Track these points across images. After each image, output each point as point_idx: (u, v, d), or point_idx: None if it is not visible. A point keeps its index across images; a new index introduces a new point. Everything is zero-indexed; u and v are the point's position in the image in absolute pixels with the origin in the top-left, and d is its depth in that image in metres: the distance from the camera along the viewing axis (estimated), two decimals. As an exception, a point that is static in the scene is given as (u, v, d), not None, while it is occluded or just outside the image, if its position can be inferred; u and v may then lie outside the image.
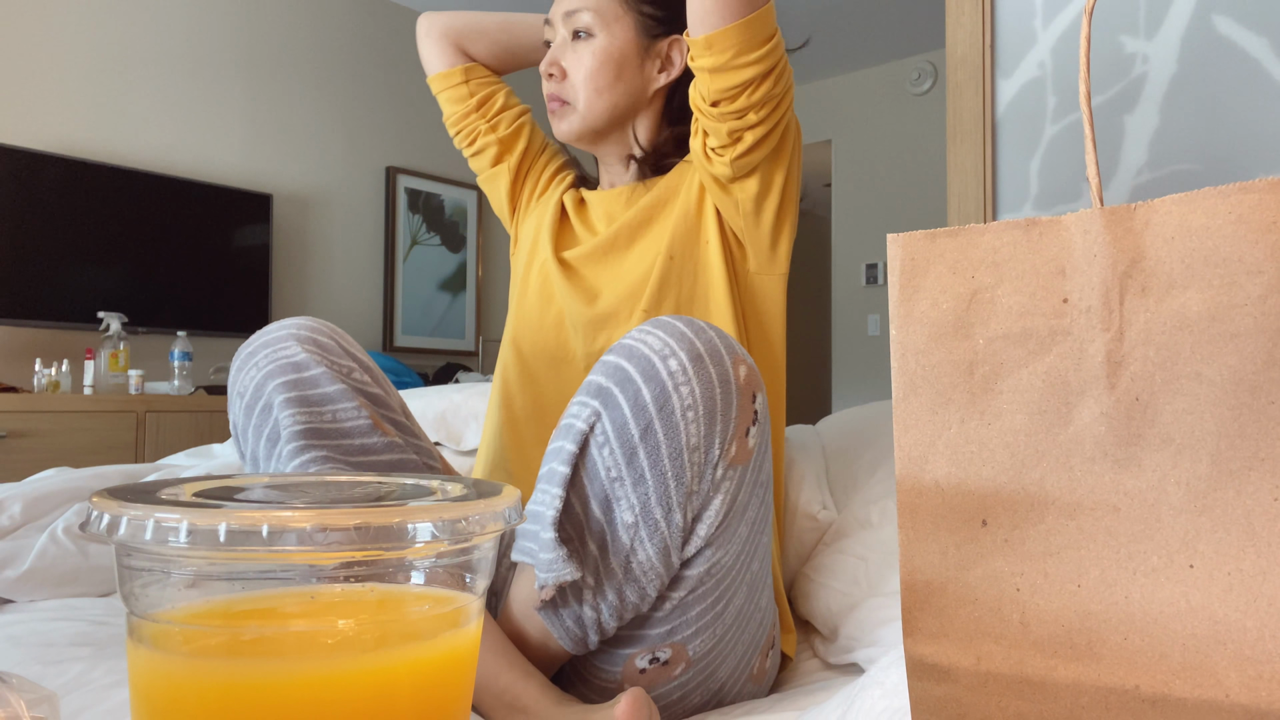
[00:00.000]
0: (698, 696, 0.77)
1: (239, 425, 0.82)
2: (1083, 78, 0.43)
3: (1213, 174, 1.18)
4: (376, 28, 3.95)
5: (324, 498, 0.39)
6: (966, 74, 1.37)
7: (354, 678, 0.35)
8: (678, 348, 0.68)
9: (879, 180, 4.81)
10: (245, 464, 0.83)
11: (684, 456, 0.68)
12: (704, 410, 0.68)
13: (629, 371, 0.69)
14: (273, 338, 0.82)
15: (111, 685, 0.73)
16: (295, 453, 0.77)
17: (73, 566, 1.05)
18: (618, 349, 0.71)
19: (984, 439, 0.42)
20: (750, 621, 0.79)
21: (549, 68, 1.03)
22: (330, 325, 0.86)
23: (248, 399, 0.81)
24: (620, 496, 0.69)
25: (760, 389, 0.72)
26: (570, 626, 0.73)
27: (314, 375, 0.80)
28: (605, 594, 0.71)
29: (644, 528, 0.69)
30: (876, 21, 4.33)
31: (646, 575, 0.70)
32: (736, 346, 0.72)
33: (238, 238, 3.34)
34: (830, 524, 1.11)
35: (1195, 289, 0.38)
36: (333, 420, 0.80)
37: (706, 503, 0.70)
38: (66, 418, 2.63)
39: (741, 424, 0.70)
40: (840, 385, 4.93)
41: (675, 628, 0.74)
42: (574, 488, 0.70)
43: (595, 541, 0.70)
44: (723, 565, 0.73)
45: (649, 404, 0.68)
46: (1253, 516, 0.37)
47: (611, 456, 0.69)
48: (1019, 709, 0.41)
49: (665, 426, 0.67)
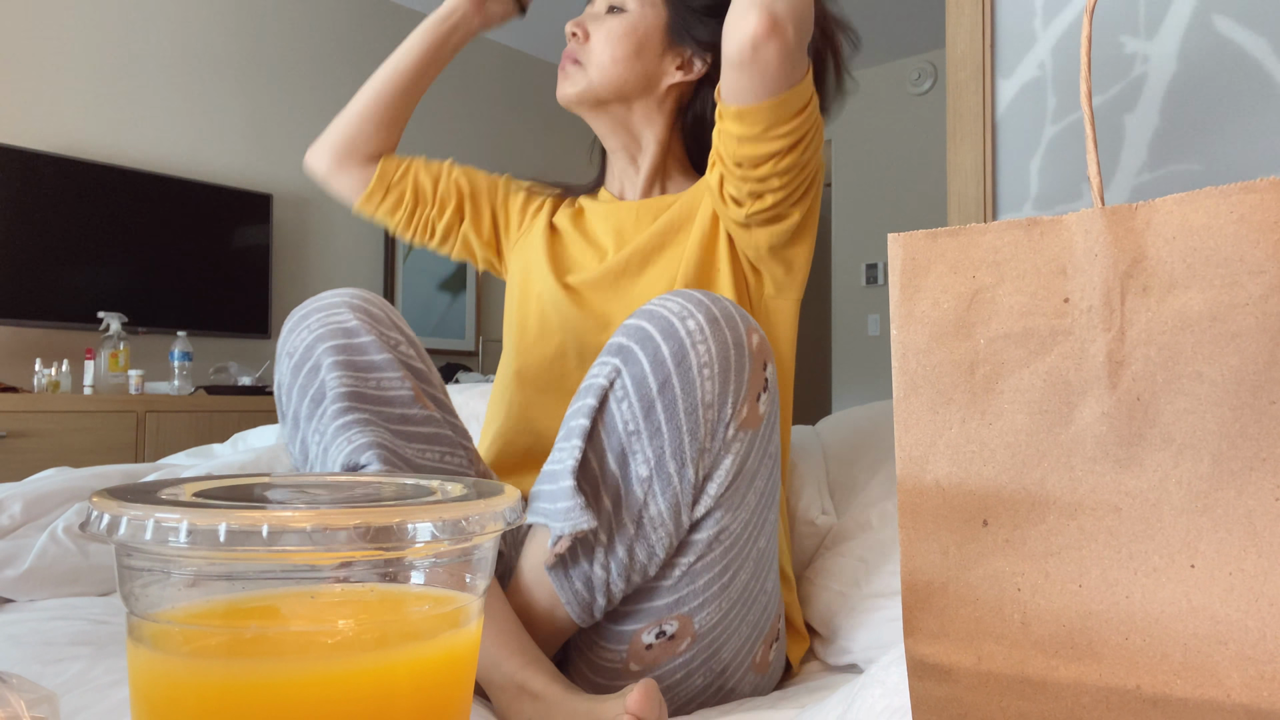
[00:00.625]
0: (701, 678, 0.78)
1: (284, 384, 0.83)
2: (1084, 77, 0.43)
3: (1213, 174, 1.18)
4: (376, 28, 3.95)
5: (324, 498, 0.39)
6: (966, 74, 1.37)
7: (354, 678, 0.35)
8: (695, 310, 0.72)
9: (879, 180, 4.81)
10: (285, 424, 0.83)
11: (699, 412, 0.71)
12: (719, 369, 0.71)
13: (648, 330, 0.72)
14: (326, 303, 0.83)
15: (111, 684, 0.73)
16: (339, 413, 0.78)
17: (73, 566, 1.05)
18: (638, 313, 0.74)
19: (985, 439, 0.42)
20: (755, 602, 0.79)
21: (574, 27, 1.03)
22: (382, 299, 0.87)
23: (297, 359, 0.82)
24: (636, 450, 0.71)
25: (770, 359, 0.75)
26: (579, 589, 0.74)
27: (363, 343, 0.81)
28: (615, 551, 0.72)
29: (658, 481, 0.71)
30: (876, 21, 4.33)
31: (657, 532, 0.72)
32: (750, 318, 0.75)
33: (238, 238, 3.34)
34: (830, 529, 1.11)
35: (1197, 289, 0.38)
36: (377, 387, 0.81)
37: (717, 462, 0.72)
38: (66, 418, 2.63)
39: (753, 388, 0.73)
40: (840, 385, 4.93)
41: (683, 598, 0.75)
42: (592, 442, 0.73)
43: (610, 496, 0.73)
44: (731, 532, 0.75)
45: (667, 359, 0.71)
46: (1254, 516, 0.37)
47: (630, 410, 0.71)
48: (1020, 709, 0.41)
49: (682, 381, 0.71)
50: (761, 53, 0.81)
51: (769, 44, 0.81)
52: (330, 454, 0.76)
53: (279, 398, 0.84)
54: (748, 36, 0.81)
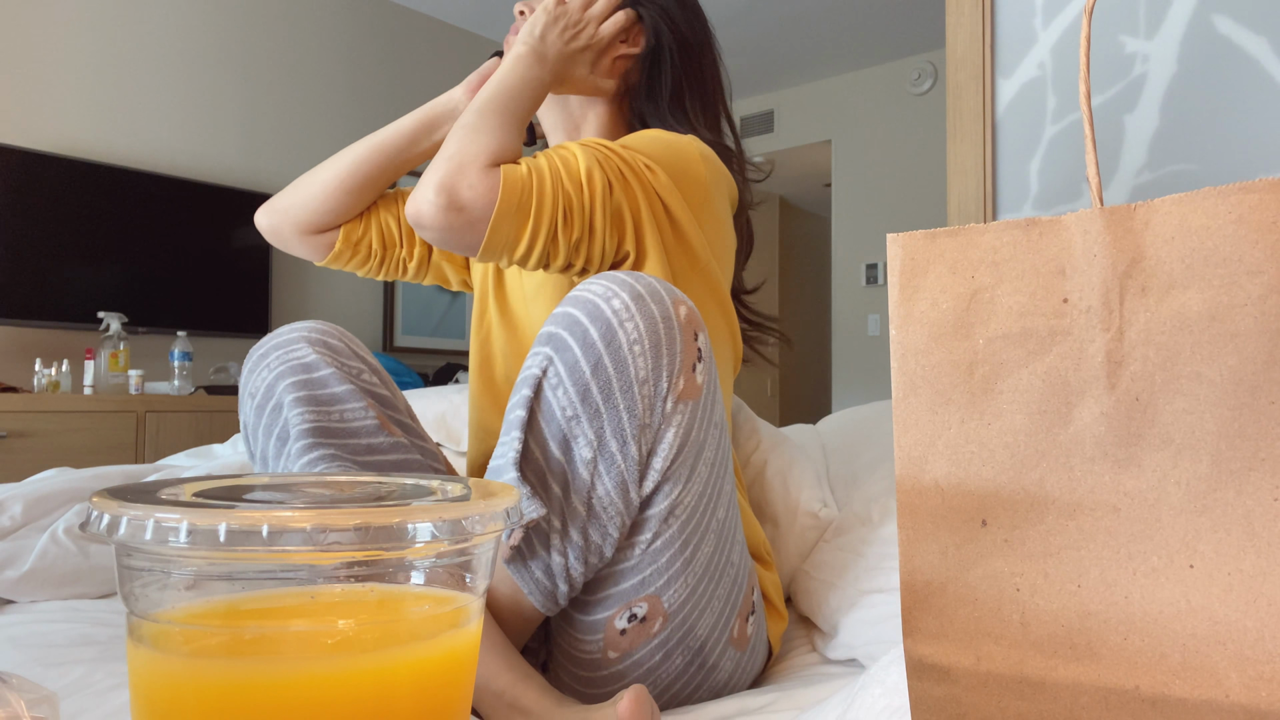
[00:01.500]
0: (679, 657, 0.78)
1: (250, 425, 0.84)
2: (1083, 78, 0.43)
3: (1213, 174, 1.18)
4: (376, 28, 3.95)
5: (324, 498, 0.39)
6: (966, 74, 1.37)
7: (354, 678, 0.35)
8: (619, 290, 0.72)
9: (879, 180, 4.81)
10: (255, 463, 0.85)
11: (634, 389, 0.71)
12: (649, 344, 0.71)
13: (575, 315, 0.73)
14: (284, 340, 0.85)
15: (113, 688, 0.73)
16: (304, 450, 0.79)
17: (73, 567, 1.05)
18: (565, 300, 0.75)
19: (984, 439, 0.42)
20: (724, 575, 0.80)
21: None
22: (340, 329, 0.88)
23: (259, 399, 0.83)
24: (577, 434, 0.72)
25: (701, 329, 0.75)
26: (540, 578, 0.74)
27: (323, 376, 0.82)
28: (570, 536, 0.73)
29: (601, 461, 0.72)
30: (876, 21, 4.33)
31: (607, 512, 0.72)
32: (675, 290, 0.75)
33: (238, 238, 3.34)
34: (831, 522, 1.11)
35: (1195, 289, 0.38)
36: (340, 420, 0.82)
37: (660, 436, 0.73)
38: (66, 418, 2.63)
39: (687, 359, 0.73)
40: (840, 385, 4.93)
41: (647, 578, 0.75)
42: (532, 431, 0.73)
43: (558, 482, 0.73)
44: (685, 505, 0.75)
45: (597, 341, 0.71)
46: (1253, 517, 0.37)
47: (566, 396, 0.72)
48: (1019, 709, 0.41)
49: (614, 360, 0.71)
50: (429, 233, 0.82)
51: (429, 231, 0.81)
52: None
53: (246, 440, 0.86)
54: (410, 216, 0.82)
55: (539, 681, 0.73)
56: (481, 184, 0.83)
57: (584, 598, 0.78)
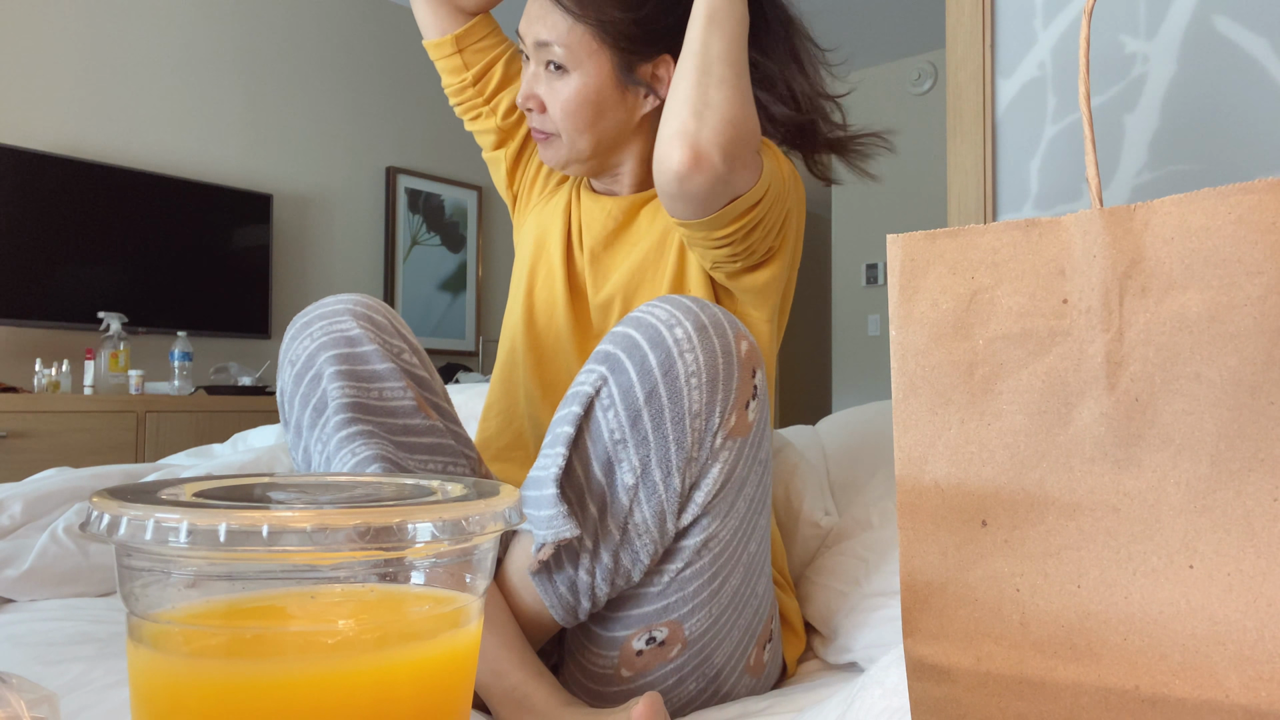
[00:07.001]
0: (694, 683, 0.77)
1: (286, 392, 0.82)
2: (1082, 78, 0.43)
3: (1212, 174, 1.18)
4: (376, 28, 3.95)
5: (324, 498, 0.39)
6: (966, 74, 1.37)
7: (354, 678, 0.35)
8: (683, 318, 0.71)
9: (879, 180, 4.80)
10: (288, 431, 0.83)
11: (686, 421, 0.70)
12: (707, 378, 0.70)
13: (636, 339, 0.71)
14: (329, 310, 0.83)
15: (112, 685, 0.73)
16: (341, 425, 0.78)
17: (73, 566, 1.05)
18: (626, 320, 0.74)
19: (984, 439, 0.42)
20: (747, 606, 0.79)
21: (526, 101, 0.98)
22: (384, 304, 0.86)
23: (299, 367, 0.81)
24: (622, 458, 0.71)
25: (760, 366, 0.74)
26: (563, 593, 0.74)
27: (366, 352, 0.81)
28: (600, 557, 0.72)
29: (643, 489, 0.71)
30: (876, 21, 4.33)
31: (641, 539, 0.72)
32: (739, 324, 0.74)
33: (238, 238, 3.34)
34: (832, 529, 1.11)
35: (1195, 289, 0.38)
36: (380, 398, 0.81)
37: (705, 470, 0.72)
38: (66, 418, 2.63)
39: (742, 396, 0.72)
40: (840, 385, 4.93)
41: (672, 604, 0.75)
42: (577, 449, 0.72)
43: (595, 503, 0.72)
44: (720, 539, 0.74)
45: (655, 368, 0.70)
46: (1252, 517, 0.37)
47: (616, 419, 0.71)
48: (1019, 709, 0.41)
49: (670, 391, 0.70)
50: (687, 185, 0.80)
51: (694, 177, 0.80)
52: (334, 466, 0.76)
53: (281, 404, 0.84)
54: (672, 171, 0.80)
55: (550, 681, 0.72)
56: (754, 164, 0.84)
57: (605, 613, 0.77)
